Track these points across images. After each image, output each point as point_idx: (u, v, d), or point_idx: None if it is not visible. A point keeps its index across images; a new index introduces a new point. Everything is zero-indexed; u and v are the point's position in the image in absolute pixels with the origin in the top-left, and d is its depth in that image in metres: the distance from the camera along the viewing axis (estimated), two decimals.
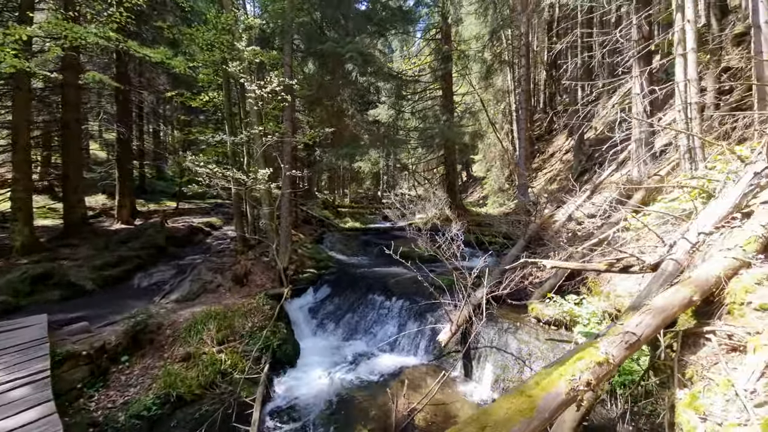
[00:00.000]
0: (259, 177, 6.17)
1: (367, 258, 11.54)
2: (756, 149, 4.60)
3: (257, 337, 5.89)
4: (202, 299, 6.83)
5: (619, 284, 5.06)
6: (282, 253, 8.40)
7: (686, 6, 5.37)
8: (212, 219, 14.67)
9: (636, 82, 9.42)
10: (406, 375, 5.53)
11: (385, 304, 7.22)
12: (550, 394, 2.29)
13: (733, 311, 2.58)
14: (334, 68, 8.88)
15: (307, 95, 8.91)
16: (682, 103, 5.49)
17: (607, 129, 16.15)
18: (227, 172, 6.29)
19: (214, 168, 5.89)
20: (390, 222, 20.44)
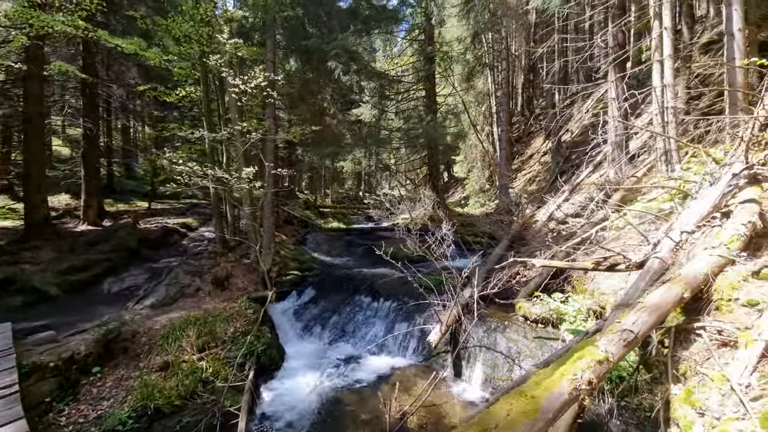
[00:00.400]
0: (243, 176, 5.91)
1: (351, 259, 11.40)
2: (729, 152, 4.84)
3: (240, 343, 5.65)
4: (180, 304, 6.49)
5: (602, 282, 5.20)
6: (265, 254, 8.13)
7: (663, 14, 5.60)
8: (188, 220, 14.07)
9: (612, 87, 9.78)
10: (396, 377, 5.47)
11: (372, 306, 7.13)
12: (553, 394, 2.28)
13: (722, 307, 2.67)
14: (318, 66, 8.70)
15: (290, 92, 8.69)
16: (658, 107, 5.72)
17: (582, 132, 16.76)
18: (209, 171, 5.99)
19: (194, 166, 5.59)
20: (373, 222, 20.36)
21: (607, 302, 4.87)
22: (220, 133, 6.41)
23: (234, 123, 6.85)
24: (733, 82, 5.62)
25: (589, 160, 12.01)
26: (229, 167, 7.30)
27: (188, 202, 18.60)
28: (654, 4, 5.77)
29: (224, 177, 6.05)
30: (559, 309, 5.15)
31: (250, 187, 6.32)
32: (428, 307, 6.45)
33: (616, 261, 4.08)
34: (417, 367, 5.70)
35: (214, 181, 6.22)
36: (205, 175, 5.91)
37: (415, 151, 15.83)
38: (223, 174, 5.97)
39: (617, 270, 4.07)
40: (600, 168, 11.43)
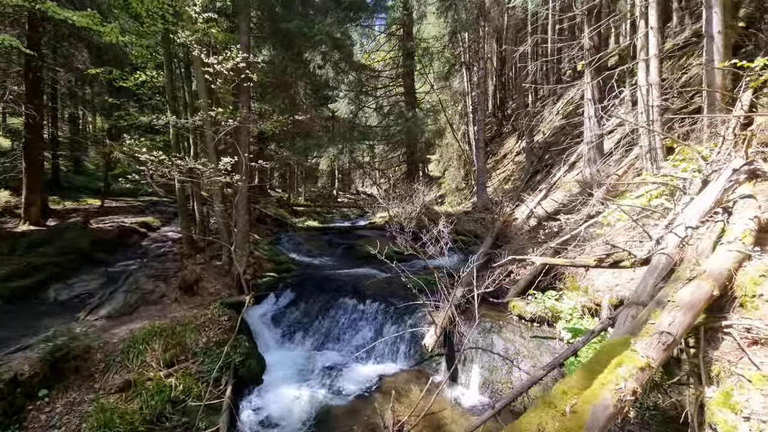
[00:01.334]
0: (221, 167, 5.29)
1: (331, 258, 10.93)
2: (714, 149, 4.95)
3: (215, 355, 5.07)
4: (142, 313, 5.76)
5: (596, 279, 5.17)
6: (239, 255, 7.49)
7: (650, 14, 5.68)
8: (148, 218, 12.89)
9: (588, 89, 10.02)
10: (387, 384, 5.14)
11: (358, 308, 6.74)
12: (597, 408, 2.04)
13: (746, 304, 2.58)
14: (299, 52, 8.14)
15: (264, 82, 8.08)
16: (644, 105, 5.81)
17: (554, 133, 17.29)
18: (179, 162, 5.32)
19: (160, 155, 4.90)
20: (350, 221, 19.89)
21: (602, 299, 4.82)
22: (190, 119, 5.71)
23: (204, 110, 6.18)
24: (712, 82, 5.81)
25: (566, 160, 12.31)
26: (197, 160, 6.61)
27: (147, 199, 17.15)
28: (640, 4, 5.87)
29: (197, 168, 5.39)
30: (554, 307, 5.05)
31: (227, 181, 5.70)
32: (417, 308, 6.18)
33: (620, 258, 4.00)
34: (409, 372, 5.40)
35: (184, 174, 5.54)
36: (174, 166, 5.23)
37: (393, 149, 15.56)
38: (196, 165, 5.30)
39: (621, 267, 4.00)
40: (575, 167, 11.74)
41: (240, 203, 7.43)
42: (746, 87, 5.55)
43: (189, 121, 5.69)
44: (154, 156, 4.85)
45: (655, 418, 3.11)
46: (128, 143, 5.04)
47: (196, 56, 6.84)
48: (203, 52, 5.23)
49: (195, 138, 8.01)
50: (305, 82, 12.38)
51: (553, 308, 5.07)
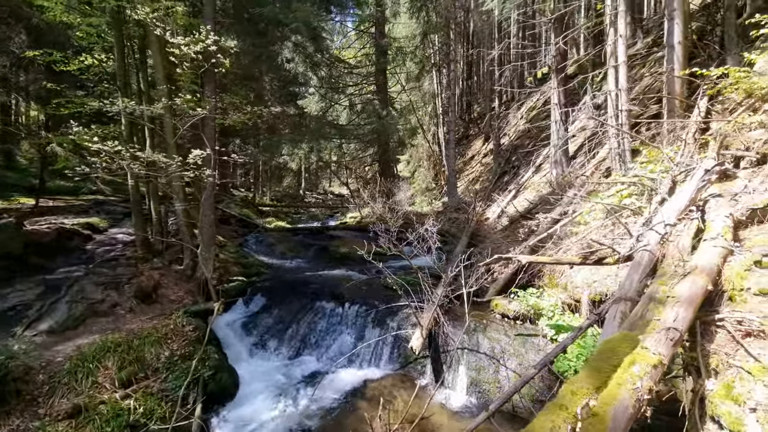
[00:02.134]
0: (191, 160, 4.73)
1: (303, 260, 10.47)
2: (678, 152, 5.26)
3: (181, 370, 4.57)
4: (91, 326, 5.07)
5: (575, 276, 5.30)
6: (205, 258, 6.89)
7: (619, 23, 5.97)
8: (92, 219, 11.59)
9: (555, 94, 10.47)
10: (372, 390, 4.91)
11: (336, 312, 6.44)
12: (617, 409, 1.98)
13: (735, 297, 2.67)
14: (272, 41, 7.63)
15: (233, 72, 7.52)
16: (613, 110, 6.10)
17: (519, 136, 17.98)
18: (140, 153, 4.69)
19: (116, 146, 4.26)
20: (319, 221, 19.34)
21: (582, 295, 4.94)
22: (147, 107, 5.08)
23: (165, 96, 5.56)
24: (673, 90, 6.22)
25: (533, 162, 12.79)
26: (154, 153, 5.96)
27: (91, 198, 15.47)
28: (610, 14, 6.16)
29: (161, 161, 4.79)
30: (537, 305, 5.11)
31: (193, 177, 5.15)
32: (400, 310, 6.02)
33: (603, 255, 4.09)
34: (394, 376, 5.21)
35: (144, 168, 4.92)
36: (132, 158, 4.61)
37: (365, 148, 15.34)
38: (159, 158, 4.70)
39: (605, 264, 4.08)
40: (541, 169, 12.23)
41: (206, 201, 6.83)
42: (703, 94, 6.00)
43: (147, 109, 5.03)
44: (108, 146, 4.23)
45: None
46: (75, 131, 4.35)
47: (154, 40, 6.20)
48: (167, 31, 4.67)
49: (152, 130, 7.27)
50: (271, 77, 11.80)
51: (535, 306, 5.13)
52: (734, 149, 4.81)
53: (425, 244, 5.23)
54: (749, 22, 5.49)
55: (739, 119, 5.12)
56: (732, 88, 5.70)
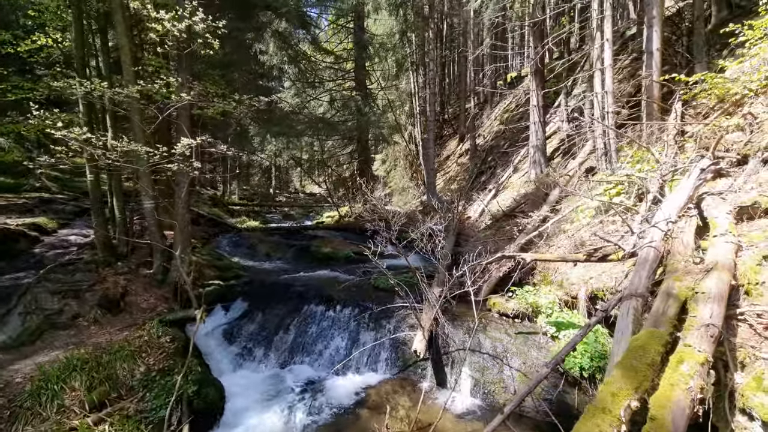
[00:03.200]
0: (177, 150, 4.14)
1: (283, 262, 9.97)
2: (662, 152, 5.49)
3: (160, 387, 4.07)
4: (50, 341, 4.42)
5: (570, 273, 5.37)
6: (182, 261, 6.31)
7: (605, 27, 6.17)
8: (39, 219, 10.33)
9: (533, 95, 10.75)
10: (373, 397, 4.68)
11: (327, 315, 6.12)
12: (675, 412, 1.91)
13: (751, 291, 2.74)
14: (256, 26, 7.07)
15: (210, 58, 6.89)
16: (600, 110, 6.29)
17: (494, 137, 18.42)
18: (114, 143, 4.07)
19: (83, 133, 3.64)
20: (294, 221, 18.67)
21: (578, 292, 5.01)
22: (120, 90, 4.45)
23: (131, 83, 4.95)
24: (651, 94, 6.52)
25: (511, 161, 13.09)
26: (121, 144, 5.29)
27: (35, 196, 13.85)
28: (596, 18, 6.36)
29: (141, 152, 4.18)
30: (536, 302, 5.12)
31: (180, 168, 4.58)
32: (394, 311, 5.82)
33: (607, 252, 4.14)
34: (393, 381, 5.00)
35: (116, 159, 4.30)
36: (104, 148, 4.00)
37: (344, 145, 14.98)
38: (142, 148, 4.09)
39: (609, 260, 4.14)
40: (519, 169, 12.55)
41: (180, 198, 6.24)
42: (679, 99, 6.34)
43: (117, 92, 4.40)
44: (75, 134, 3.62)
45: None
46: (36, 116, 3.68)
47: (120, 19, 5.52)
48: (146, 4, 4.11)
49: (115, 118, 6.53)
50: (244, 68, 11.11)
51: (534, 304, 5.14)
52: (715, 150, 5.08)
53: (429, 243, 5.05)
54: (724, 31, 5.86)
55: (716, 122, 5.43)
56: (705, 93, 6.07)
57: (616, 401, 2.26)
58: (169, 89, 5.19)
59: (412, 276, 6.65)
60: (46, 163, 3.87)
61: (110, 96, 4.32)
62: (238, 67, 7.86)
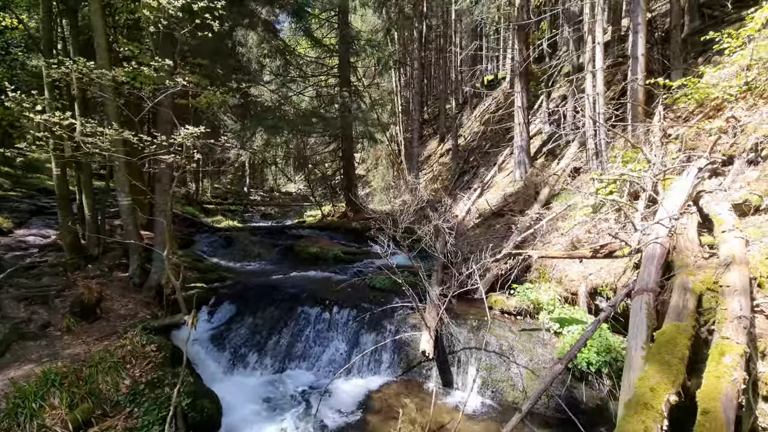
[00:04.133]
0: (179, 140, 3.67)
1: (268, 263, 9.55)
2: (651, 152, 5.71)
3: (150, 401, 3.70)
4: (20, 353, 3.91)
5: (568, 269, 5.47)
6: (159, 262, 5.84)
7: (596, 31, 6.36)
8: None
9: (518, 96, 10.98)
10: (378, 401, 4.53)
11: (323, 317, 5.89)
12: (725, 403, 1.91)
13: (764, 285, 2.85)
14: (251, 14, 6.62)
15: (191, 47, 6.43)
16: (591, 112, 6.48)
17: (474, 138, 18.72)
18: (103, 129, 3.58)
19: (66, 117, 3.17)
20: (273, 220, 18.07)
21: (578, 288, 5.11)
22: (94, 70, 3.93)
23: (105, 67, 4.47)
24: (636, 97, 6.80)
25: (495, 161, 13.32)
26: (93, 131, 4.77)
27: None
28: (588, 21, 6.55)
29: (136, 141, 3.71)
30: (537, 299, 5.17)
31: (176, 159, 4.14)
32: (394, 312, 5.69)
33: (613, 248, 4.23)
34: (398, 383, 4.87)
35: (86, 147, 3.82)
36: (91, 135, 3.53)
37: (327, 143, 14.65)
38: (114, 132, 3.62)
39: (615, 257, 4.23)
40: (503, 169, 12.79)
41: (161, 194, 5.78)
42: (661, 102, 6.65)
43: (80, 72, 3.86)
44: (56, 118, 3.16)
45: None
46: (12, 96, 3.16)
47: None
48: None
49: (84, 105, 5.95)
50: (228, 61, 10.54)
51: (536, 300, 5.18)
52: (699, 151, 5.34)
53: (437, 240, 4.96)
54: (703, 38, 6.20)
55: (699, 125, 5.73)
56: (685, 98, 6.41)
57: (656, 396, 2.25)
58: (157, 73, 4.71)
59: (408, 275, 6.59)
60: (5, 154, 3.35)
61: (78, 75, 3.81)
62: (222, 57, 7.40)
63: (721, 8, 9.65)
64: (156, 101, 4.10)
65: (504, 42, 22.89)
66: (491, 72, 26.90)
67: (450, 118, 20.60)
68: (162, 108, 5.60)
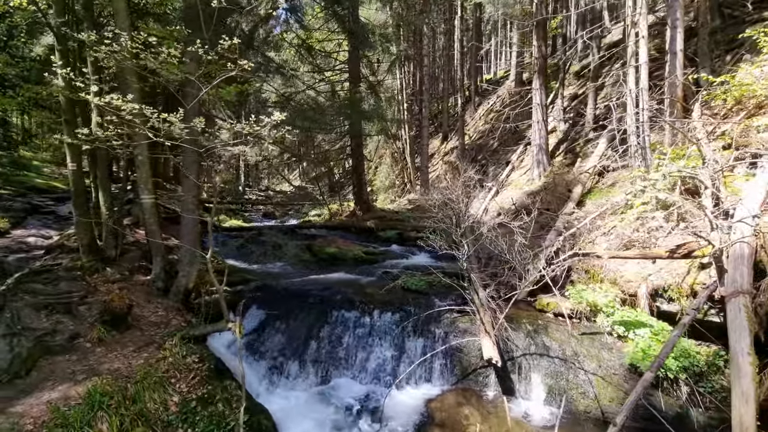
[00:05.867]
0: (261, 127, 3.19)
1: (286, 264, 9.12)
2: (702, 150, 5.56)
3: (205, 420, 3.33)
4: (48, 370, 3.46)
5: (623, 270, 5.29)
6: (189, 264, 5.42)
7: (641, 24, 6.21)
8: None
9: (537, 94, 10.84)
10: (439, 412, 4.24)
11: (362, 322, 5.55)
12: None
13: None
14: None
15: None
16: (634, 109, 6.34)
17: (480, 136, 18.60)
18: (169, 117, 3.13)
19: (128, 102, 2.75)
20: (276, 219, 17.55)
21: (638, 289, 4.92)
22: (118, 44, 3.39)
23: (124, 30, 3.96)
24: (675, 94, 6.69)
25: (508, 159, 13.18)
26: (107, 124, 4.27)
27: None
28: (631, 14, 6.40)
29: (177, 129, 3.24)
30: (595, 301, 4.97)
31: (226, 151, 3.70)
32: (441, 315, 5.40)
33: (691, 248, 4.04)
34: (453, 392, 4.59)
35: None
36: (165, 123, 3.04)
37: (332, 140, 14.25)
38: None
39: (693, 257, 4.04)
40: (519, 167, 12.66)
41: (189, 190, 5.35)
42: (701, 99, 6.56)
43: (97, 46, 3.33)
44: (119, 101, 2.72)
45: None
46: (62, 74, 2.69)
47: None
48: None
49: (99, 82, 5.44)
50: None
51: (593, 303, 4.98)
52: (753, 148, 5.24)
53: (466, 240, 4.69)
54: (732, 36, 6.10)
55: (746, 122, 5.63)
56: (723, 95, 6.33)
57: None
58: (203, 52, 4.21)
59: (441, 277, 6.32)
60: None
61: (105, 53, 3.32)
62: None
63: (741, 8, 9.71)
64: (212, 85, 3.67)
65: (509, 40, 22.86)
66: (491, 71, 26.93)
67: (453, 117, 20.44)
68: (189, 98, 5.17)
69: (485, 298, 5.20)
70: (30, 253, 6.91)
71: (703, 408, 3.95)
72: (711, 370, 4.11)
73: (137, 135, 4.67)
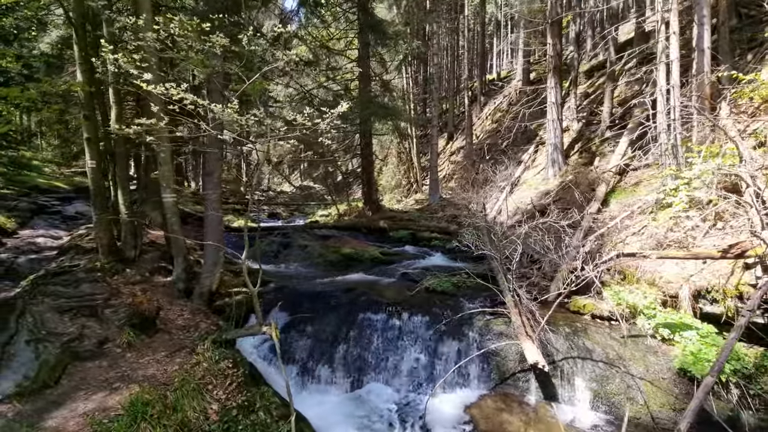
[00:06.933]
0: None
1: (300, 265, 8.92)
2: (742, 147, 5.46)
3: (248, 428, 3.15)
4: (78, 377, 3.26)
5: (663, 270, 5.15)
6: (212, 265, 5.23)
7: (672, 20, 6.11)
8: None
9: (551, 92, 10.73)
10: (480, 419, 4.08)
11: (391, 324, 5.38)
12: None
13: None
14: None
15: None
16: (665, 106, 6.23)
17: (489, 136, 18.49)
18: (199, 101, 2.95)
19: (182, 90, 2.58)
20: (282, 219, 17.32)
21: (679, 291, 4.79)
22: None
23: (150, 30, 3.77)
24: (703, 91, 6.59)
25: (520, 159, 13.06)
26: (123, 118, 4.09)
27: None
28: (661, 10, 6.30)
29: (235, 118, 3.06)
30: (634, 303, 4.83)
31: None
32: (473, 318, 5.24)
33: (744, 248, 3.91)
34: (492, 397, 4.43)
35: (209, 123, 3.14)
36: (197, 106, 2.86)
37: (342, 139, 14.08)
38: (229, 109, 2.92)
39: (746, 257, 3.91)
40: (532, 167, 12.55)
41: (213, 187, 5.16)
42: (727, 97, 6.47)
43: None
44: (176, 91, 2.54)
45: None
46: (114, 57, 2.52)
47: None
48: None
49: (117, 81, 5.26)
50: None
51: (633, 305, 4.84)
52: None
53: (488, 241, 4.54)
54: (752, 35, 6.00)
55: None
56: (751, 93, 6.24)
57: None
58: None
59: (466, 277, 6.17)
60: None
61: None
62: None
63: (757, 8, 9.66)
64: (255, 79, 3.49)
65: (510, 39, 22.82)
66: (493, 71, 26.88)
67: (458, 116, 20.33)
68: (214, 93, 4.99)
69: (525, 299, 5.05)
70: (41, 253, 6.69)
71: (753, 410, 3.84)
72: (759, 371, 4.00)
73: (159, 130, 4.48)
